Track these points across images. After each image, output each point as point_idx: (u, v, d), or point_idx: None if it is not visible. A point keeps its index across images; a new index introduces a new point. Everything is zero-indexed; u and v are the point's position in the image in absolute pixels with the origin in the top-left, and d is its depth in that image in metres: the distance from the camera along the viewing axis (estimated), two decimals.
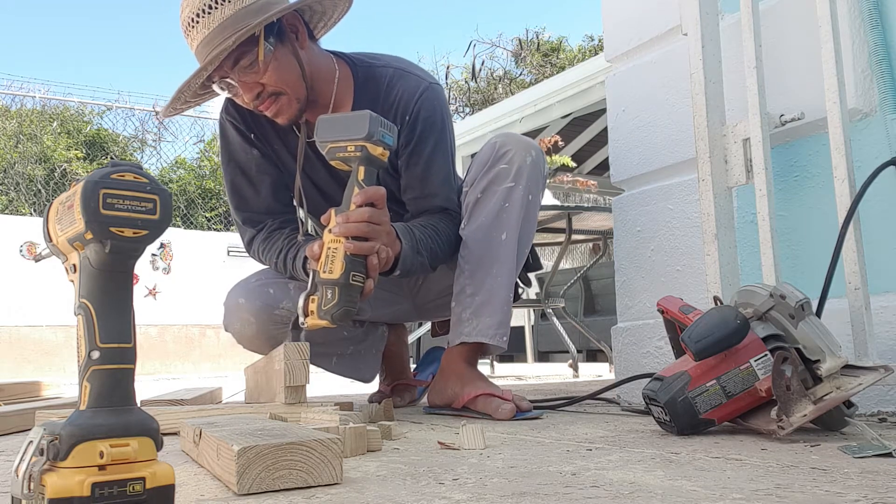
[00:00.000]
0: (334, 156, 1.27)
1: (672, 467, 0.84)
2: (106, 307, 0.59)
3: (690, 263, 1.62)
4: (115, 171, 0.59)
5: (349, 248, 1.24)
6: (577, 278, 4.46)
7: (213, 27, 1.38)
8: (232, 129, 1.62)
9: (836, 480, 0.73)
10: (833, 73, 1.25)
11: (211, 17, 1.37)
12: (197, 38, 1.40)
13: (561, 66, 12.66)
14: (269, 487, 0.74)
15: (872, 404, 1.26)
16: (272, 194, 1.63)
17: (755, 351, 1.11)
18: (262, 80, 1.43)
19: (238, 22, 1.38)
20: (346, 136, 1.25)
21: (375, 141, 1.24)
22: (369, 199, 1.26)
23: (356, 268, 1.25)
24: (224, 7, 1.37)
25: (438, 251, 1.51)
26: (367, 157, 1.25)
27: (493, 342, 1.49)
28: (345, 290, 1.24)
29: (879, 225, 1.29)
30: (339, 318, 1.24)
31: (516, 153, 1.49)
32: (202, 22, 1.38)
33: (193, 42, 1.41)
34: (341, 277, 1.24)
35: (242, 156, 1.62)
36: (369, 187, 1.27)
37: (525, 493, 0.71)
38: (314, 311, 1.25)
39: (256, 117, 1.59)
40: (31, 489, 0.57)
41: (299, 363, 1.37)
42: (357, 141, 1.24)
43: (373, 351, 1.79)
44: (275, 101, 1.46)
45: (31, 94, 8.46)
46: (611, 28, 1.89)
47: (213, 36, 1.38)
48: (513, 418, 1.41)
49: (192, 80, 1.41)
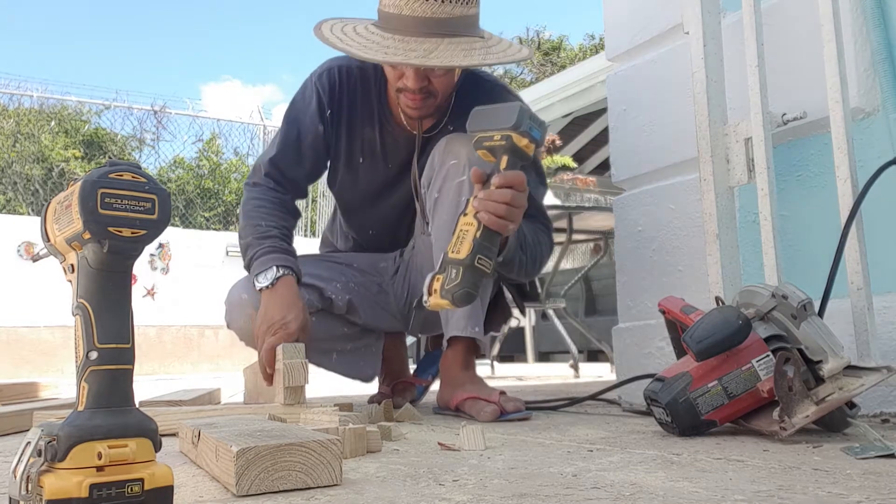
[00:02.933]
0: (481, 145, 1.26)
1: (673, 468, 0.84)
2: (104, 307, 0.59)
3: (692, 263, 1.62)
4: (114, 171, 0.58)
5: (484, 220, 1.22)
6: (578, 278, 4.47)
7: (440, 17, 1.42)
8: (315, 98, 1.64)
9: (839, 482, 0.73)
10: (835, 73, 1.25)
11: (441, 6, 1.42)
12: (416, 9, 1.42)
13: (562, 65, 12.66)
14: (269, 489, 0.74)
15: (875, 405, 1.26)
16: (308, 172, 1.69)
17: (757, 351, 1.10)
18: (434, 82, 1.50)
19: (460, 28, 1.45)
20: (494, 125, 1.25)
21: (522, 132, 1.22)
22: (509, 183, 1.24)
23: (483, 251, 1.23)
24: (455, 5, 1.43)
25: (537, 255, 1.54)
26: (512, 148, 1.24)
27: (465, 334, 1.49)
28: (469, 271, 1.22)
29: (882, 225, 1.29)
30: (460, 300, 1.22)
31: (462, 147, 1.48)
32: (431, 4, 1.42)
33: (405, 7, 1.43)
34: (467, 258, 1.22)
35: (308, 123, 1.65)
36: (509, 171, 1.25)
37: (525, 494, 0.71)
38: (437, 290, 1.23)
39: (346, 99, 1.64)
40: (29, 490, 0.57)
41: (297, 363, 1.36)
42: (504, 130, 1.23)
43: (372, 349, 1.79)
44: (425, 99, 1.52)
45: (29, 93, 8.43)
46: (612, 27, 1.89)
47: (436, 25, 1.42)
48: (497, 419, 1.42)
49: (396, 56, 1.43)
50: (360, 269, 1.78)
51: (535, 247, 1.52)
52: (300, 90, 1.67)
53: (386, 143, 1.66)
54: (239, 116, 9.03)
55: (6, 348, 5.96)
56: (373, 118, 1.65)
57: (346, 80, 1.64)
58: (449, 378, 1.57)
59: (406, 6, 1.42)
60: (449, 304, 1.23)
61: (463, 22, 1.45)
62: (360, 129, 1.66)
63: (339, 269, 1.75)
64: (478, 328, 1.50)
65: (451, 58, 1.40)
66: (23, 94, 8.42)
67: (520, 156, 1.25)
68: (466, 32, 1.45)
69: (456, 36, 1.43)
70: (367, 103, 1.65)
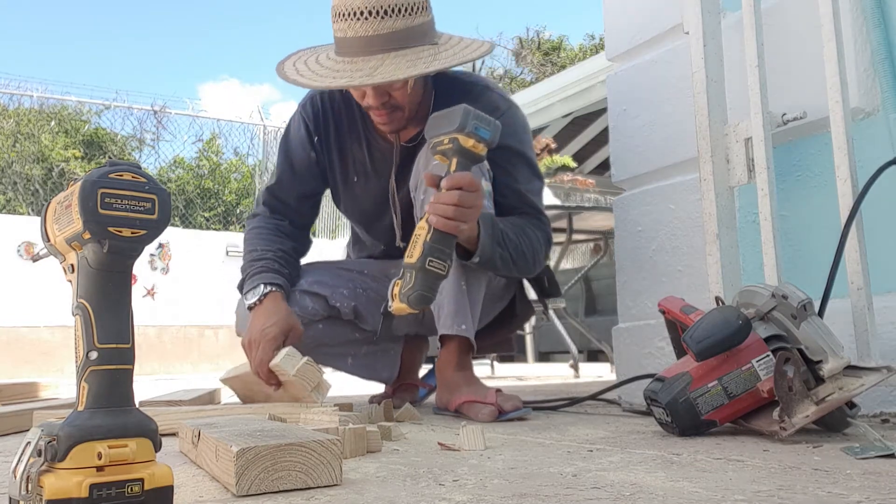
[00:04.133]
0: (435, 150, 1.30)
1: (673, 468, 0.84)
2: (104, 307, 0.59)
3: (692, 263, 1.62)
4: (114, 171, 0.58)
5: (433, 222, 1.26)
6: (578, 278, 4.46)
7: (382, 33, 1.44)
8: (303, 125, 1.71)
9: (839, 482, 0.73)
10: (835, 73, 1.25)
11: (382, 22, 1.44)
12: (358, 30, 1.45)
13: (562, 65, 12.65)
14: (268, 489, 0.74)
15: (875, 405, 1.26)
16: (304, 196, 1.75)
17: (757, 351, 1.10)
18: (395, 95, 1.52)
19: (406, 40, 1.46)
20: (444, 129, 1.28)
21: (468, 133, 1.25)
22: (457, 184, 1.27)
23: (434, 254, 1.26)
24: (396, 19, 1.44)
25: (525, 250, 1.53)
26: (460, 149, 1.27)
27: (452, 332, 1.50)
28: (421, 273, 1.25)
29: (882, 225, 1.28)
30: (416, 302, 1.25)
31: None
32: (371, 22, 1.44)
33: (349, 30, 1.46)
34: (418, 261, 1.25)
35: (300, 151, 1.72)
36: (456, 172, 1.28)
37: (525, 494, 0.71)
38: (396, 294, 1.27)
39: (333, 123, 1.69)
40: (29, 490, 0.57)
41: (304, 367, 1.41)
42: (451, 133, 1.26)
43: (390, 353, 1.81)
44: (391, 113, 1.54)
45: (29, 93, 8.42)
46: (612, 27, 1.89)
47: (379, 42, 1.44)
48: (496, 420, 1.42)
49: (342, 80, 1.45)
50: (371, 275, 1.80)
51: (519, 241, 1.51)
52: (290, 122, 1.75)
53: (375, 159, 1.69)
54: (239, 116, 9.03)
55: (6, 348, 5.96)
56: (359, 137, 1.68)
57: (329, 105, 1.69)
58: (444, 380, 1.57)
59: (350, 28, 1.45)
60: (407, 307, 1.26)
61: (409, 33, 1.46)
62: (349, 149, 1.70)
63: (347, 277, 1.78)
64: (465, 325, 1.50)
65: (393, 72, 1.42)
66: (23, 94, 8.41)
67: (469, 157, 1.28)
68: (414, 43, 1.47)
69: (403, 48, 1.45)
70: (352, 124, 1.69)
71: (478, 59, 1.53)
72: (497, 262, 1.47)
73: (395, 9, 1.44)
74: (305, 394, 1.40)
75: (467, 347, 1.55)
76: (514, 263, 1.51)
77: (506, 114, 1.57)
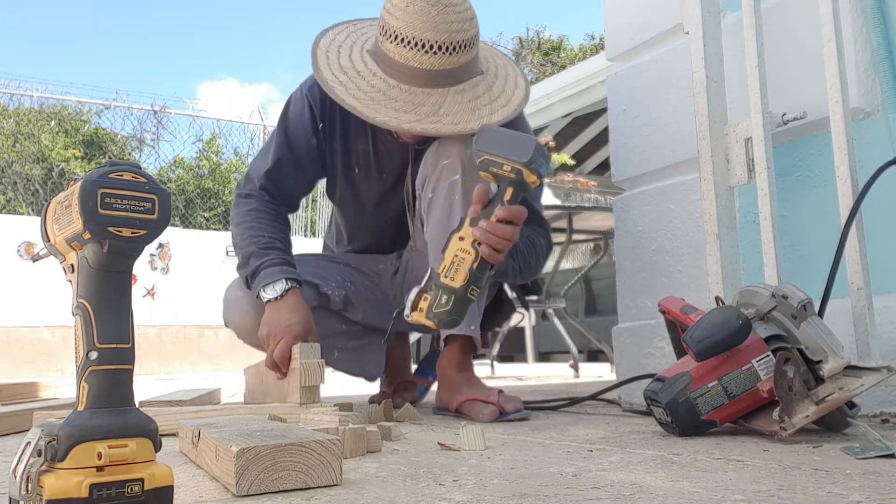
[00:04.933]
0: (486, 168, 1.27)
1: (673, 468, 0.84)
2: (104, 307, 0.59)
3: (692, 263, 1.62)
4: (114, 171, 0.58)
5: (484, 253, 1.25)
6: (578, 278, 4.46)
7: (448, 68, 1.42)
8: (308, 110, 1.62)
9: (839, 482, 0.73)
10: (835, 73, 1.25)
11: (449, 57, 1.41)
12: (423, 62, 1.41)
13: (562, 65, 12.66)
14: (269, 489, 0.74)
15: (875, 405, 1.26)
16: (302, 185, 1.69)
17: (757, 351, 1.10)
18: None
19: (465, 74, 1.43)
20: (506, 154, 1.25)
21: (532, 169, 1.23)
22: (514, 217, 1.27)
23: (476, 282, 1.26)
24: (462, 54, 1.42)
25: (531, 260, 1.53)
26: (520, 182, 1.25)
27: (461, 332, 1.49)
28: (461, 300, 1.25)
29: (882, 225, 1.28)
30: (447, 325, 1.26)
31: (454, 147, 1.47)
32: (440, 57, 1.40)
33: (414, 60, 1.41)
34: (461, 288, 1.25)
35: (302, 137, 1.63)
36: (515, 205, 1.27)
37: (525, 494, 0.71)
38: (423, 308, 1.26)
39: (336, 111, 1.61)
40: (29, 490, 0.57)
41: (314, 363, 1.37)
42: (516, 163, 1.23)
43: (376, 348, 1.79)
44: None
45: (29, 93, 8.43)
46: (612, 27, 1.89)
47: (443, 77, 1.42)
48: (496, 420, 1.42)
49: (406, 120, 1.41)
50: (358, 268, 1.78)
51: (527, 253, 1.51)
52: (291, 103, 1.65)
53: (380, 154, 1.65)
54: (239, 116, 9.03)
55: (6, 348, 5.96)
56: (365, 129, 1.63)
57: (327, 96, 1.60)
58: (446, 380, 1.57)
59: (414, 58, 1.41)
60: (433, 325, 1.26)
61: (469, 66, 1.44)
62: (353, 140, 1.65)
63: (336, 268, 1.76)
64: (473, 326, 1.49)
65: (458, 118, 1.40)
66: (23, 94, 8.41)
67: (525, 190, 1.27)
68: (470, 75, 1.45)
69: (460, 82, 1.43)
70: (344, 120, 1.63)
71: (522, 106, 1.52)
72: (508, 274, 1.47)
73: (465, 45, 1.41)
74: (294, 388, 1.38)
75: (470, 348, 1.55)
76: (521, 273, 1.51)
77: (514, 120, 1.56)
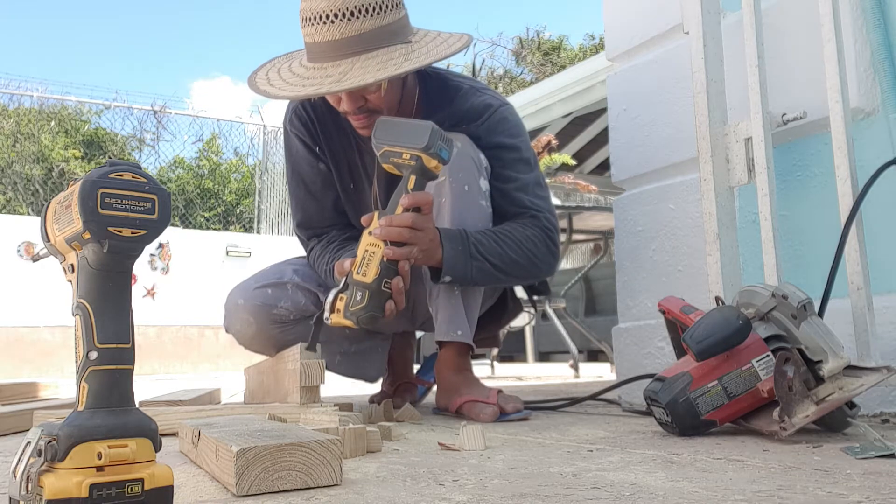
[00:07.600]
0: (388, 160, 1.28)
1: (673, 468, 0.84)
2: (104, 307, 0.59)
3: (692, 263, 1.62)
4: (114, 171, 0.58)
5: (387, 254, 1.25)
6: (578, 278, 4.46)
7: (350, 35, 1.38)
8: (298, 142, 1.66)
9: (839, 482, 0.73)
10: (835, 72, 1.25)
11: (350, 24, 1.38)
12: (325, 34, 1.39)
13: (562, 65, 12.66)
14: (268, 489, 0.74)
15: (875, 405, 1.26)
16: (335, 208, 1.69)
17: (757, 351, 1.10)
18: (370, 99, 1.46)
19: (376, 41, 1.39)
20: (403, 142, 1.26)
21: (432, 153, 1.24)
22: (416, 204, 1.27)
23: (390, 275, 1.26)
24: (364, 20, 1.38)
25: (515, 255, 1.47)
26: (421, 168, 1.26)
27: (447, 339, 1.49)
28: (375, 295, 1.25)
29: (882, 224, 1.28)
30: (365, 322, 1.25)
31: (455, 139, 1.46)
32: (339, 25, 1.38)
33: (317, 35, 1.40)
34: (373, 283, 1.25)
35: (308, 169, 1.66)
36: (416, 192, 1.27)
37: (525, 494, 0.71)
38: (341, 309, 1.26)
39: (320, 130, 1.64)
40: (29, 490, 0.57)
41: (315, 363, 1.37)
42: (414, 150, 1.24)
43: (377, 350, 1.79)
44: (368, 117, 1.48)
45: (29, 93, 8.43)
46: (612, 27, 1.89)
47: (348, 45, 1.39)
48: (497, 420, 1.42)
49: (310, 88, 1.39)
50: None
51: (503, 249, 1.45)
52: (286, 145, 1.70)
53: (367, 164, 1.65)
54: (239, 116, 9.04)
55: (6, 348, 5.96)
56: (350, 142, 1.64)
57: (313, 114, 1.64)
58: (444, 382, 1.56)
59: (317, 33, 1.40)
60: (352, 324, 1.25)
61: (380, 33, 1.40)
62: (342, 155, 1.66)
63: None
64: (460, 331, 1.48)
65: (363, 76, 1.36)
66: (23, 94, 8.42)
67: (428, 176, 1.28)
68: (386, 43, 1.41)
69: (374, 49, 1.40)
70: (340, 129, 1.64)
71: (453, 55, 1.46)
72: (475, 276, 1.43)
73: (363, 9, 1.38)
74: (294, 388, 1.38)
75: (465, 349, 1.54)
76: (505, 272, 1.47)
77: (499, 111, 1.55)
